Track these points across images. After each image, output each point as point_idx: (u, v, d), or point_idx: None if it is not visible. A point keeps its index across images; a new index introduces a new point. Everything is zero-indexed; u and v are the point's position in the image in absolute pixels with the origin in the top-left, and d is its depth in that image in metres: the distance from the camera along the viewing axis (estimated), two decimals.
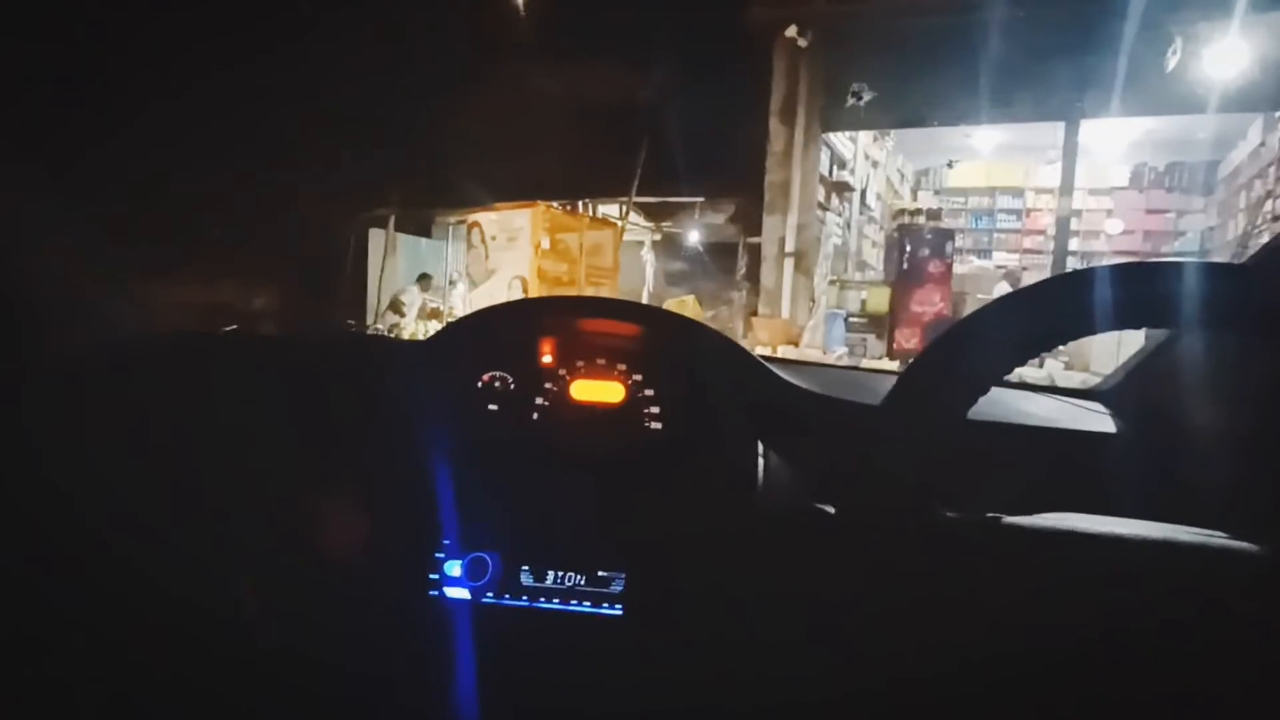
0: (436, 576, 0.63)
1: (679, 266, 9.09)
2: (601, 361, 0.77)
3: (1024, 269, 9.41)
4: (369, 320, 8.71)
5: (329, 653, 0.61)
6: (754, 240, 7.60)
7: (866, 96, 6.68)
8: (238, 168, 7.79)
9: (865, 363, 7.60)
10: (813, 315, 7.33)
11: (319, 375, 0.77)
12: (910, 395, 0.41)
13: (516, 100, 7.53)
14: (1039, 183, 11.31)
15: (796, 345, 6.85)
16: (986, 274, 8.95)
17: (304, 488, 0.66)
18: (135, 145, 7.05)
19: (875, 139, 10.09)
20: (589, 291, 7.52)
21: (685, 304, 8.04)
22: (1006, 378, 0.46)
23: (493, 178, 7.46)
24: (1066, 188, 7.36)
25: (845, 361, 7.22)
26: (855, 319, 7.81)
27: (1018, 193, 11.81)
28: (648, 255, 8.71)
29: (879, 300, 7.84)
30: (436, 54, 7.75)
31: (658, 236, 9.03)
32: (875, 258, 10.33)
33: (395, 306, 7.53)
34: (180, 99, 7.37)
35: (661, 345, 0.76)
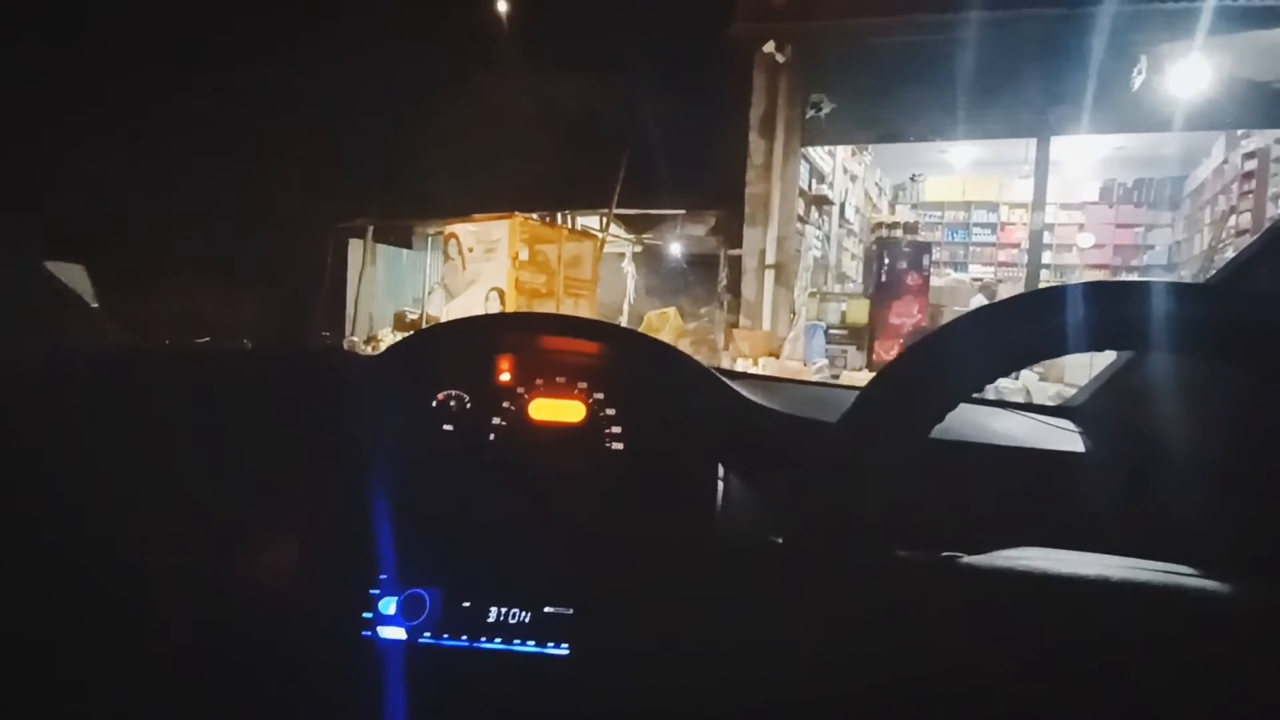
0: (370, 615, 0.58)
1: (660, 279, 9.10)
2: (561, 380, 0.74)
3: (1000, 281, 9.56)
4: (347, 331, 8.60)
5: (254, 697, 0.57)
6: (735, 252, 7.65)
7: (826, 109, 6.78)
8: (215, 178, 7.68)
9: (845, 374, 7.64)
10: (793, 327, 7.37)
11: (256, 392, 0.73)
12: (866, 416, 0.38)
13: (497, 112, 7.52)
14: (1012, 197, 11.54)
15: (777, 357, 6.87)
16: (963, 286, 9.08)
17: (230, 513, 0.62)
18: (109, 155, 6.92)
19: (853, 153, 10.22)
20: (568, 303, 7.48)
21: (666, 316, 8.05)
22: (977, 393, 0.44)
23: (472, 189, 7.43)
24: (1039, 202, 7.51)
25: (825, 373, 7.27)
26: (835, 331, 7.87)
27: (992, 207, 12.04)
28: (628, 267, 8.71)
29: (858, 312, 7.91)
30: (417, 65, 7.73)
31: (639, 248, 9.04)
32: (854, 270, 10.43)
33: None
34: (156, 109, 7.26)
35: (622, 364, 0.74)
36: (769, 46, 6.65)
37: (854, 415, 0.38)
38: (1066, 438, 0.82)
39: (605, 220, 8.14)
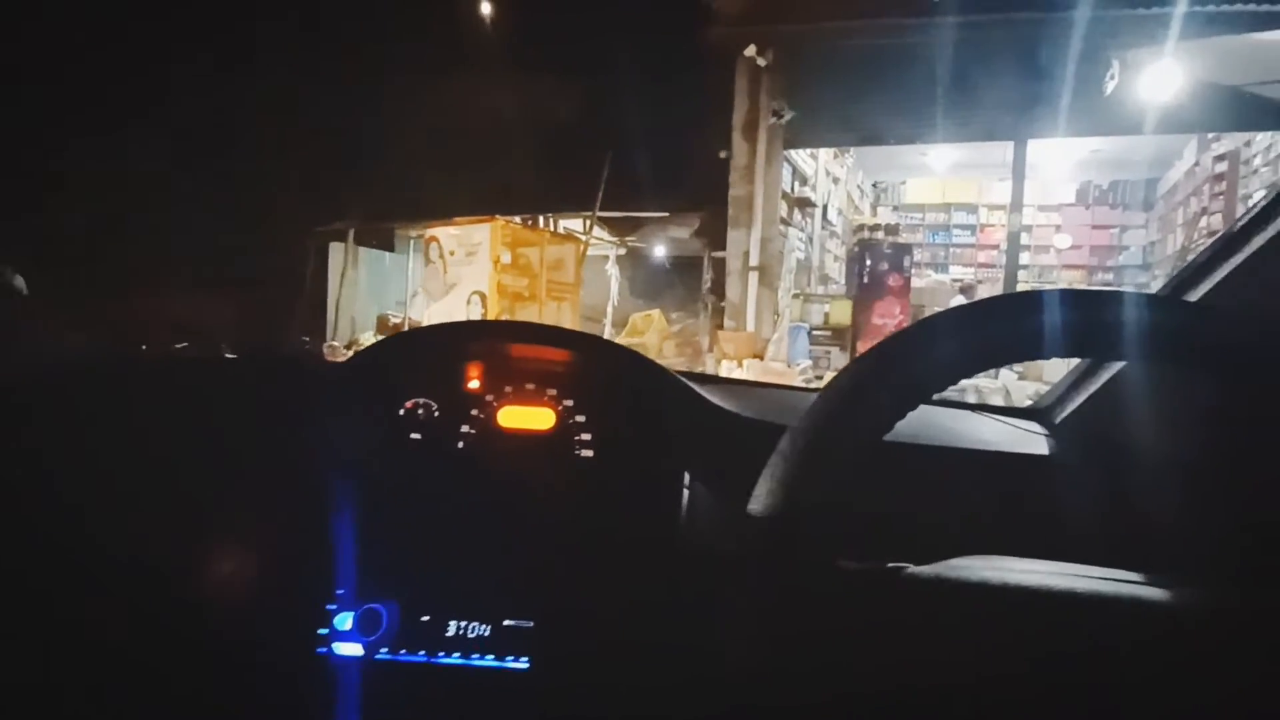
0: (326, 631, 0.57)
1: (644, 281, 9.10)
2: (530, 387, 0.74)
3: (980, 282, 9.69)
4: (328, 335, 8.50)
5: (208, 714, 0.55)
6: (719, 255, 7.67)
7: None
8: (192, 181, 7.56)
9: (829, 375, 7.68)
10: (777, 329, 7.41)
11: (216, 399, 0.72)
12: (819, 420, 0.38)
13: (479, 114, 7.48)
14: (992, 199, 11.70)
15: (761, 359, 6.90)
16: (943, 287, 9.18)
17: (184, 524, 0.60)
18: (81, 160, 6.80)
19: (835, 156, 10.31)
20: (550, 306, 7.45)
21: (651, 318, 8.05)
22: (946, 395, 0.44)
23: (454, 191, 7.38)
24: (1016, 204, 7.62)
25: (810, 374, 7.31)
26: (819, 332, 7.92)
27: (971, 209, 12.20)
28: (612, 270, 8.70)
29: (841, 313, 7.97)
30: (397, 67, 7.68)
31: (622, 251, 9.04)
32: (837, 271, 10.51)
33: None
34: (130, 111, 7.14)
35: (591, 371, 0.74)
36: (750, 50, 6.69)
37: (807, 419, 0.38)
38: (1033, 440, 0.83)
39: (589, 223, 8.13)
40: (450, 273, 6.94)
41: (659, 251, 8.97)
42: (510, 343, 0.75)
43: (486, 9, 7.88)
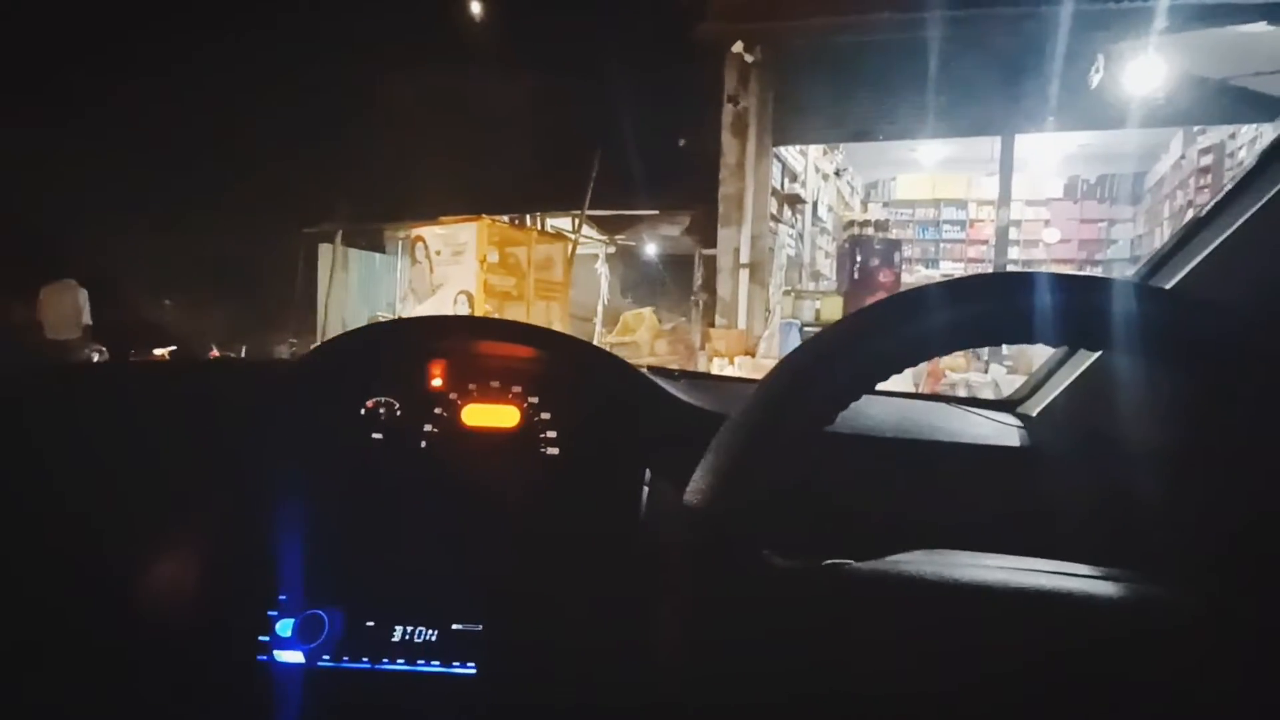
0: (267, 639, 0.56)
1: (635, 279, 9.08)
2: (495, 384, 0.72)
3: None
4: (318, 337, 8.45)
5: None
6: (709, 252, 7.67)
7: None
8: (178, 184, 7.50)
9: None
10: (768, 325, 7.41)
11: (163, 400, 0.70)
12: (757, 409, 0.37)
13: (467, 114, 7.45)
14: (981, 194, 11.73)
15: (753, 356, 6.90)
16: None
17: (128, 527, 0.59)
18: (70, 163, 6.73)
19: (825, 152, 10.31)
20: (539, 306, 7.43)
21: (642, 316, 8.04)
22: (921, 389, 0.43)
23: (442, 192, 7.35)
24: (1004, 199, 7.65)
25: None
26: (810, 328, 7.93)
27: (961, 204, 12.23)
28: (602, 268, 8.68)
29: (832, 309, 7.98)
30: (383, 67, 7.63)
31: (612, 249, 9.02)
32: (828, 268, 10.52)
33: None
34: (118, 113, 7.08)
35: (556, 367, 0.72)
36: (738, 47, 6.68)
37: (739, 414, 0.37)
38: (1005, 432, 0.82)
39: (578, 221, 8.11)
40: (437, 273, 6.92)
41: (650, 249, 8.96)
42: (474, 339, 0.74)
43: (474, 7, 7.84)
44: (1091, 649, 0.33)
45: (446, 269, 6.80)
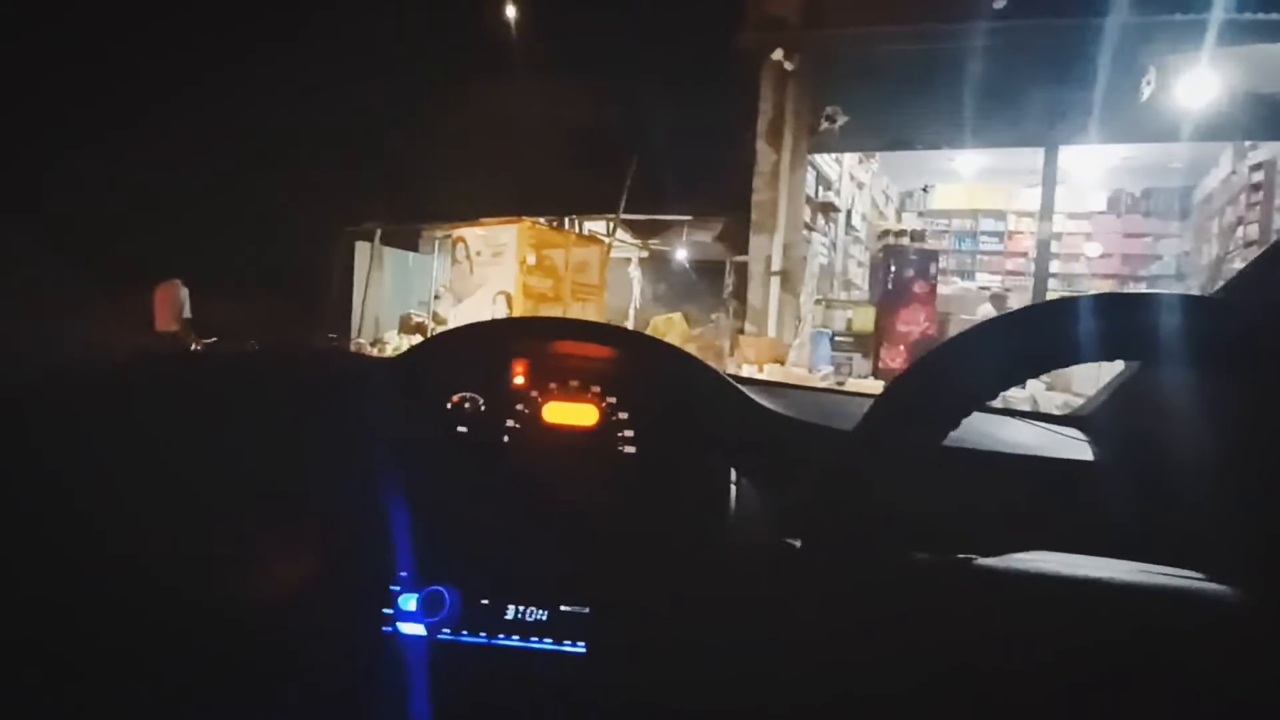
0: (391, 611, 0.60)
1: (666, 284, 9.11)
2: (574, 383, 0.75)
3: (1009, 291, 9.53)
4: (353, 334, 8.64)
5: (278, 693, 0.58)
6: (741, 259, 7.67)
7: (840, 120, 6.76)
8: (221, 181, 7.73)
9: (851, 382, 7.64)
10: (799, 334, 7.37)
11: (276, 394, 0.74)
12: (881, 424, 0.39)
13: (505, 117, 7.56)
14: (1020, 206, 11.50)
15: (783, 364, 6.87)
16: (970, 295, 9.06)
17: (250, 514, 0.63)
18: (115, 156, 6.99)
19: (860, 161, 10.23)
20: (575, 308, 7.50)
21: (673, 321, 8.06)
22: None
23: (479, 193, 7.47)
24: (1046, 212, 7.50)
25: (831, 380, 7.27)
26: (841, 338, 7.86)
27: (1000, 215, 12.00)
28: (635, 273, 8.73)
29: (864, 320, 7.90)
30: (426, 69, 7.79)
31: (645, 254, 9.06)
32: (861, 278, 10.42)
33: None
34: (164, 110, 7.33)
35: (634, 368, 0.75)
36: (777, 54, 6.68)
37: (870, 423, 0.39)
38: (1075, 446, 0.83)
39: (612, 225, 8.17)
40: (477, 273, 7.04)
41: (681, 255, 8.98)
42: (555, 339, 0.77)
43: (514, 11, 7.97)
44: (1187, 642, 0.35)
45: (486, 269, 6.92)
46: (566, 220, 8.62)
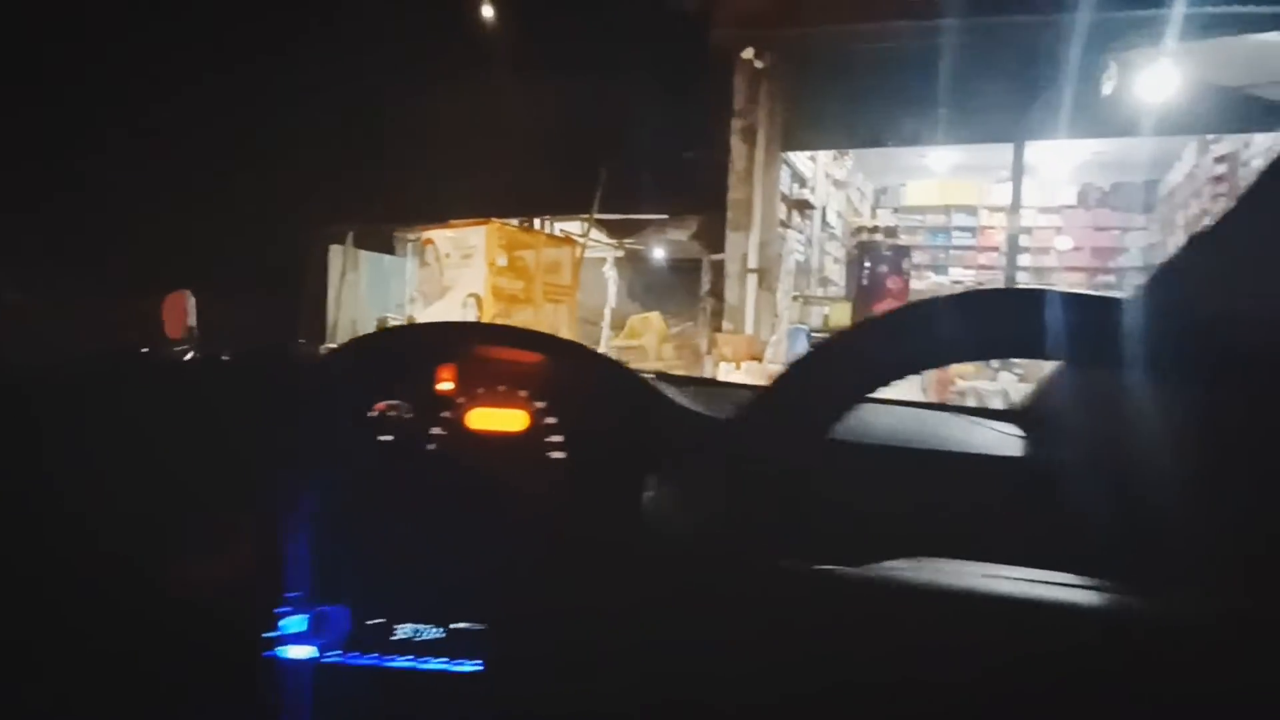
0: (275, 634, 0.57)
1: (643, 283, 9.11)
2: (502, 389, 0.74)
3: (981, 285, 9.66)
4: (328, 338, 8.52)
5: (157, 717, 0.55)
6: (717, 257, 7.68)
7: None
8: (190, 183, 7.59)
9: None
10: (776, 331, 7.41)
11: (179, 396, 0.72)
12: (757, 423, 0.38)
13: (477, 117, 7.50)
14: (992, 201, 11.66)
15: (760, 361, 6.90)
16: (944, 290, 9.17)
17: (141, 523, 0.60)
18: (78, 160, 6.83)
19: (835, 158, 10.31)
20: (547, 309, 7.46)
21: (649, 320, 8.06)
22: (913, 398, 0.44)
23: (452, 195, 7.40)
24: (1015, 206, 7.62)
25: None
26: (818, 334, 7.92)
27: (972, 211, 12.17)
28: (610, 272, 8.71)
29: (841, 316, 7.97)
30: (396, 70, 7.70)
31: (621, 254, 9.05)
32: (838, 274, 10.49)
33: None
34: (131, 110, 7.17)
35: (562, 373, 0.74)
36: (748, 53, 6.70)
37: (737, 421, 0.38)
38: (1006, 442, 0.83)
39: (587, 225, 8.15)
40: (446, 275, 6.97)
41: (658, 254, 8.98)
42: (482, 344, 0.75)
43: (484, 10, 7.91)
44: (1069, 656, 0.34)
45: (456, 272, 6.86)
46: (538, 221, 8.57)
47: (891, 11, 6.00)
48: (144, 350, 0.78)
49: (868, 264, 7.84)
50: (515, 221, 7.85)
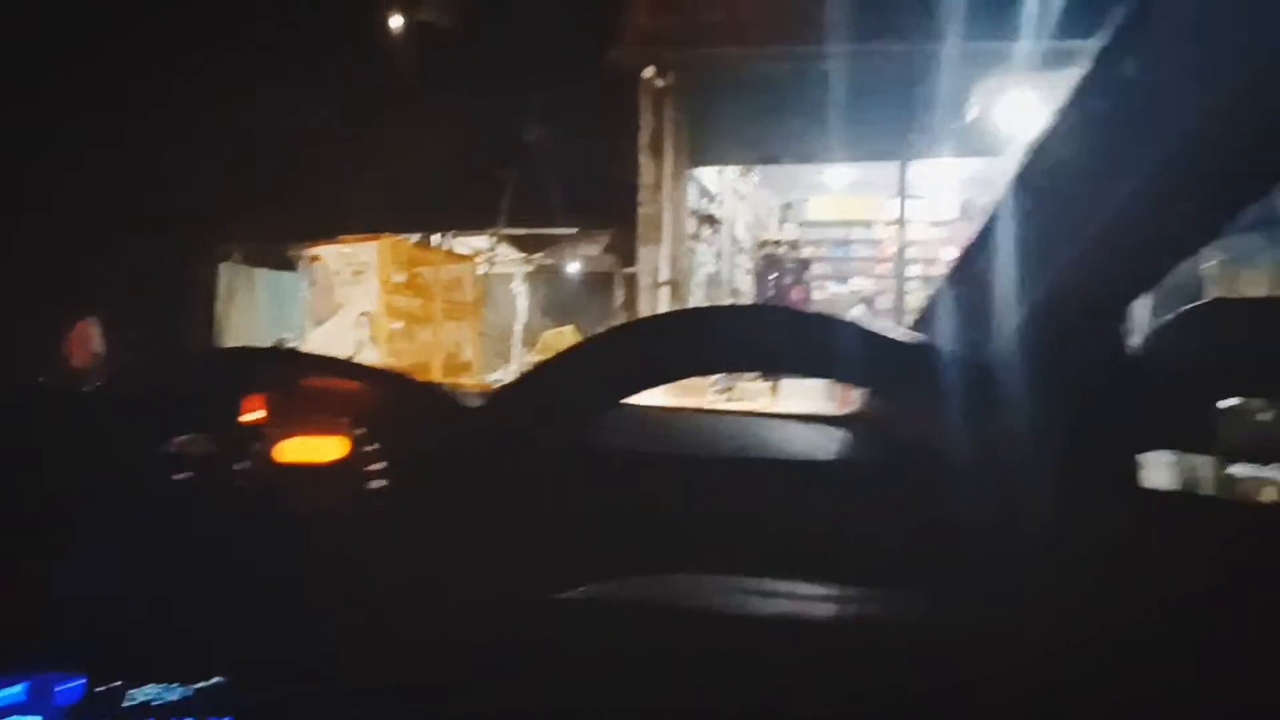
0: None
1: (556, 298, 9.07)
2: (313, 419, 0.72)
3: (878, 294, 10.26)
4: None
5: None
6: (630, 271, 7.77)
7: None
8: (56, 198, 6.92)
9: (740, 386, 7.90)
10: None
11: None
12: (490, 431, 0.39)
13: (375, 130, 7.27)
14: (887, 216, 12.40)
15: None
16: (844, 299, 9.66)
17: None
18: None
19: (742, 174, 10.67)
20: (448, 326, 7.30)
21: (564, 335, 8.02)
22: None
23: (347, 210, 7.12)
24: (901, 221, 8.17)
25: (721, 384, 7.46)
26: None
27: (868, 225, 12.90)
28: (519, 288, 8.63)
29: None
30: (289, 78, 7.36)
31: (530, 268, 8.98)
32: (749, 285, 10.83)
33: None
34: None
35: (374, 399, 0.73)
36: (649, 72, 6.86)
37: (469, 433, 0.39)
38: (821, 447, 0.87)
39: (495, 240, 8.05)
40: (337, 293, 6.69)
41: (570, 269, 8.98)
42: (289, 373, 0.74)
43: (384, 20, 7.71)
44: (814, 666, 0.35)
45: (347, 290, 6.59)
46: (437, 236, 8.37)
47: (779, 36, 6.32)
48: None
49: (773, 275, 8.17)
50: (414, 238, 7.64)
